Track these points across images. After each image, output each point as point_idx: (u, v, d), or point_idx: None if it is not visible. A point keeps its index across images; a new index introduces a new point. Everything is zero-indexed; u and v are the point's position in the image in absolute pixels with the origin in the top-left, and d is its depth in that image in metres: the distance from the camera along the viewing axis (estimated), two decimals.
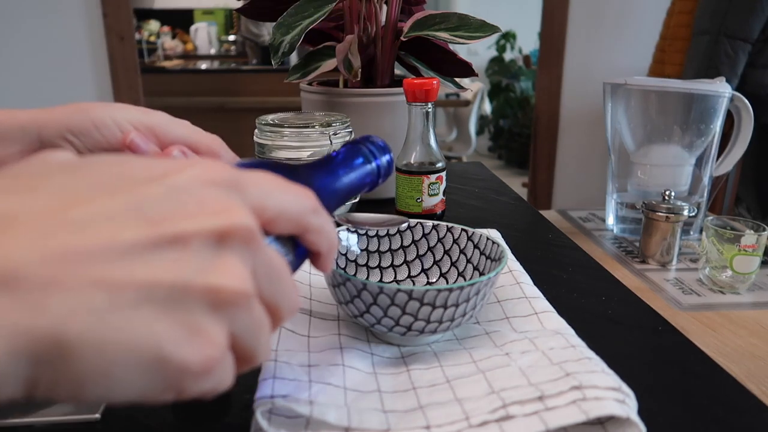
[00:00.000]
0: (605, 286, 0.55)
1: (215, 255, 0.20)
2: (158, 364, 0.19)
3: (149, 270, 0.19)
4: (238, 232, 0.21)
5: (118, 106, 0.34)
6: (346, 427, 0.32)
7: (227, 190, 0.22)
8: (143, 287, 0.19)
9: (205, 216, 0.20)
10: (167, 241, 0.19)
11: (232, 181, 0.22)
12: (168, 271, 0.19)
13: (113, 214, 0.19)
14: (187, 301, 0.19)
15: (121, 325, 0.18)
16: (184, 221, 0.20)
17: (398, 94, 0.76)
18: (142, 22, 5.47)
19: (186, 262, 0.20)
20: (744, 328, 0.82)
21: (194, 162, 0.22)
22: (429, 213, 0.69)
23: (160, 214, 0.20)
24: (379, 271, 0.51)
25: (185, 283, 0.19)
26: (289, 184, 0.25)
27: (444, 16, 0.74)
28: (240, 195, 0.22)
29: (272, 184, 0.24)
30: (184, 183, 0.21)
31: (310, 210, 0.26)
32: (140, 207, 0.19)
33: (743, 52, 1.49)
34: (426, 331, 0.39)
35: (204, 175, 0.21)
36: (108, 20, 2.01)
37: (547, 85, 2.20)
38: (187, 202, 0.20)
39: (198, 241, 0.20)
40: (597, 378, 0.34)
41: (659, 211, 0.96)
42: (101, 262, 0.18)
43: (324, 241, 0.27)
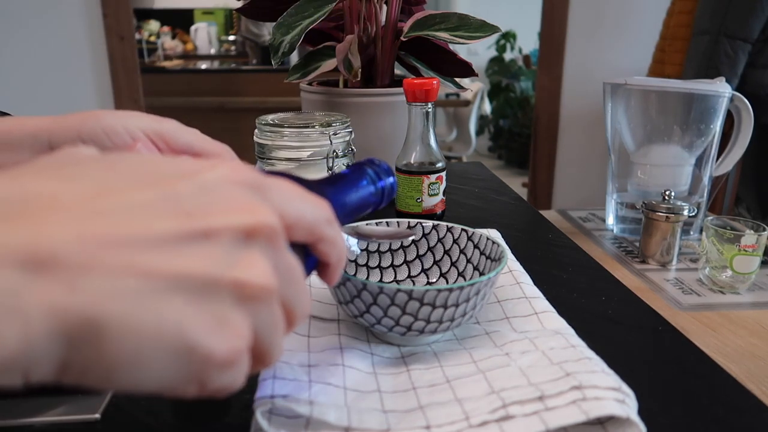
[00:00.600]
0: (605, 286, 0.55)
1: (243, 250, 0.21)
2: (185, 352, 0.19)
3: (181, 260, 0.19)
4: (264, 230, 0.22)
5: (129, 114, 0.34)
6: (346, 427, 0.32)
7: (252, 191, 0.23)
8: (175, 277, 0.19)
9: (234, 213, 0.21)
10: (199, 234, 0.20)
11: (256, 184, 0.23)
12: (199, 263, 0.20)
13: (148, 205, 0.20)
14: (215, 292, 0.20)
15: (153, 311, 0.19)
16: (215, 216, 0.21)
17: (398, 94, 0.76)
18: (142, 22, 5.47)
19: (216, 255, 0.20)
20: (744, 328, 0.82)
21: (222, 162, 0.23)
22: (429, 213, 0.69)
23: (192, 209, 0.20)
24: (379, 271, 0.51)
25: (215, 275, 0.20)
26: (307, 194, 0.26)
27: (444, 16, 0.74)
28: (263, 196, 0.23)
29: (292, 191, 0.25)
30: (213, 181, 0.21)
31: (326, 220, 0.26)
32: (173, 200, 0.20)
33: (743, 52, 1.49)
34: (426, 331, 0.39)
35: (231, 175, 0.22)
36: (108, 20, 2.01)
37: (547, 85, 2.20)
38: (216, 198, 0.21)
39: (227, 236, 0.21)
40: (597, 378, 0.34)
41: (659, 211, 0.96)
42: (136, 250, 0.19)
43: (334, 253, 0.28)
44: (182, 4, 5.73)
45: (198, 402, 0.37)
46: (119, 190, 0.20)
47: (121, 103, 2.09)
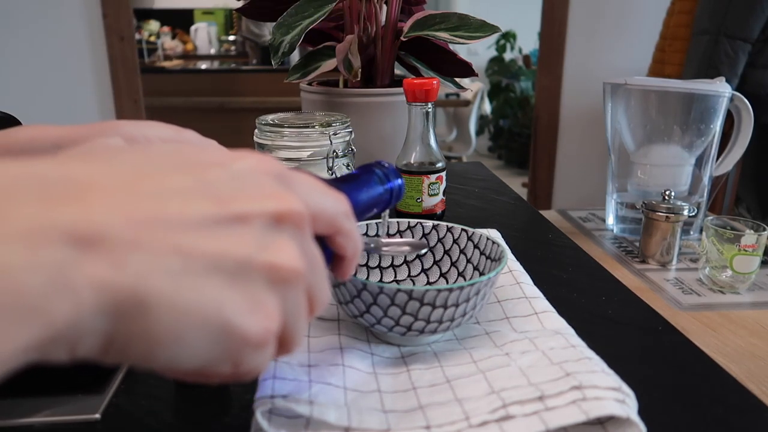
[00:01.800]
0: (605, 286, 0.55)
1: (273, 235, 0.22)
2: (223, 330, 0.20)
3: (218, 242, 0.20)
4: (293, 216, 0.23)
5: (149, 124, 0.35)
6: (346, 427, 0.32)
7: (278, 181, 0.24)
8: (213, 257, 0.20)
9: (265, 199, 0.22)
10: (233, 218, 0.21)
11: (282, 175, 0.24)
12: (234, 246, 0.21)
13: (183, 189, 0.20)
14: (250, 274, 0.21)
15: (194, 290, 0.20)
16: (247, 202, 0.22)
17: (398, 94, 0.76)
18: (142, 22, 5.47)
19: (249, 238, 0.21)
20: (744, 328, 0.82)
21: (249, 153, 0.24)
22: (429, 213, 0.69)
23: (225, 194, 0.21)
24: (379, 271, 0.51)
25: (249, 257, 0.21)
26: (327, 187, 0.27)
27: (444, 16, 0.74)
28: (289, 187, 0.24)
29: (314, 184, 0.26)
30: (243, 170, 0.23)
31: (344, 213, 0.27)
32: (207, 186, 0.21)
33: (743, 52, 1.49)
34: (426, 331, 0.39)
35: (259, 165, 0.23)
36: (108, 20, 2.01)
37: (547, 85, 2.20)
38: (247, 185, 0.22)
39: (259, 221, 0.22)
40: (597, 378, 0.34)
41: (659, 211, 0.96)
42: (177, 231, 0.20)
43: (351, 246, 0.28)
44: (182, 4, 5.73)
45: (198, 402, 0.37)
46: (156, 175, 0.21)
47: (121, 103, 2.09)
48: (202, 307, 0.20)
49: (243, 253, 0.21)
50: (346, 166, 0.70)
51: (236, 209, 0.21)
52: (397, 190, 0.38)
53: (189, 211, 0.20)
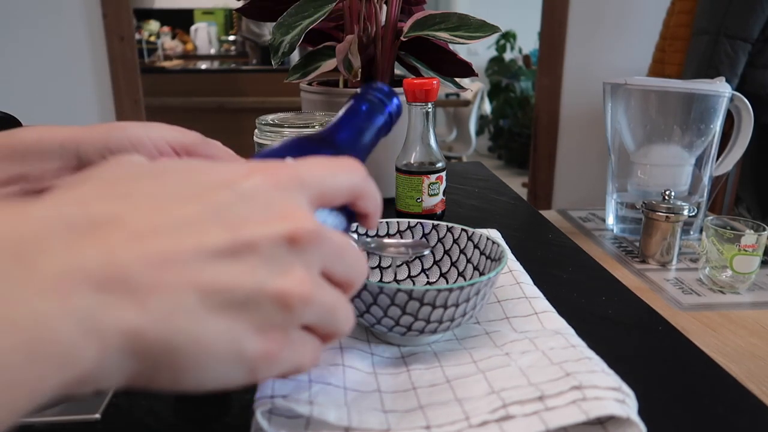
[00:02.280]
0: (605, 286, 0.55)
1: (285, 258, 0.23)
2: (237, 357, 0.22)
3: (231, 274, 0.21)
4: (303, 235, 0.23)
5: (155, 126, 0.35)
6: (346, 427, 0.32)
7: (289, 192, 0.24)
8: (227, 291, 0.21)
9: (275, 221, 0.23)
10: (244, 246, 0.22)
11: (292, 181, 0.24)
12: (246, 275, 0.22)
13: (195, 219, 0.21)
14: (260, 302, 0.22)
15: (211, 324, 0.21)
16: (257, 227, 0.22)
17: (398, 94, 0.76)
18: (142, 22, 5.47)
19: (260, 266, 0.22)
20: (744, 328, 0.82)
21: (258, 167, 0.24)
22: (429, 213, 0.69)
23: (235, 219, 0.22)
24: (379, 271, 0.51)
25: (260, 287, 0.22)
26: (336, 163, 0.27)
27: (444, 16, 0.74)
28: (301, 192, 0.24)
29: (324, 168, 0.26)
30: (251, 188, 0.23)
31: (360, 180, 0.28)
32: (217, 212, 0.22)
33: (743, 52, 1.49)
34: (426, 331, 0.39)
35: (267, 181, 0.23)
36: (108, 20, 2.01)
37: (547, 85, 2.20)
38: (256, 207, 0.23)
39: (269, 245, 0.22)
40: (597, 378, 0.34)
41: (659, 211, 0.96)
42: (192, 266, 0.21)
43: (372, 204, 0.29)
44: (182, 4, 5.73)
45: (198, 402, 0.37)
46: (170, 206, 0.21)
47: (121, 103, 2.09)
48: (219, 339, 0.21)
49: (254, 283, 0.22)
50: None
51: (247, 236, 0.22)
52: (396, 111, 0.37)
53: (204, 243, 0.21)
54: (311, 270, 0.24)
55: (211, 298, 0.21)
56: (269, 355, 0.23)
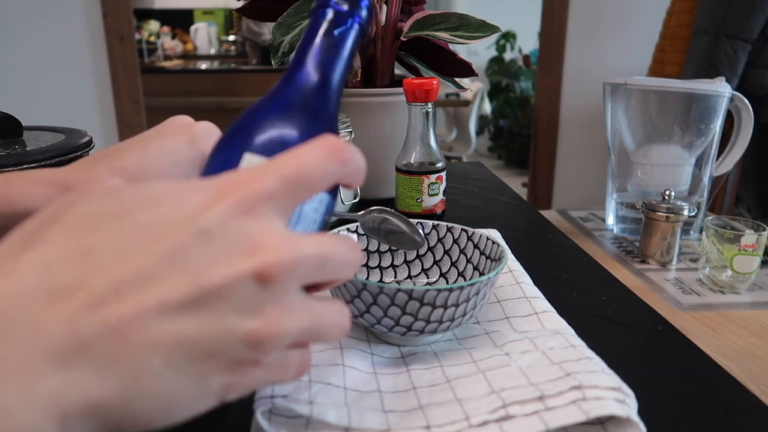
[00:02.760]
0: (605, 286, 0.55)
1: (254, 297, 0.22)
2: (205, 395, 0.22)
3: (197, 325, 0.21)
4: (273, 271, 0.22)
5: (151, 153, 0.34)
6: (346, 427, 0.32)
7: (258, 214, 0.22)
8: (192, 344, 0.21)
9: (240, 259, 0.21)
10: (208, 293, 0.21)
11: (261, 200, 0.22)
12: (212, 324, 0.21)
13: (158, 271, 0.20)
14: (229, 347, 0.21)
15: (176, 379, 0.21)
16: (222, 268, 0.21)
17: (398, 94, 0.76)
18: (142, 22, 5.46)
19: (227, 311, 0.21)
20: (744, 328, 0.82)
21: (223, 190, 0.22)
22: (429, 213, 0.69)
23: (198, 264, 0.21)
24: (379, 271, 0.51)
25: (227, 333, 0.21)
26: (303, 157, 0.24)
27: (444, 16, 0.74)
28: (272, 208, 0.23)
29: (290, 171, 0.23)
30: (215, 222, 0.21)
31: (339, 165, 0.25)
32: (180, 258, 0.21)
33: (743, 52, 1.49)
34: (426, 331, 0.39)
35: (232, 207, 0.22)
36: (108, 20, 2.01)
37: (547, 85, 2.20)
38: (221, 244, 0.21)
39: (236, 288, 0.21)
40: (597, 378, 0.34)
41: (659, 211, 0.96)
42: (156, 324, 0.20)
43: (354, 178, 0.26)
44: (182, 4, 5.73)
45: None
46: (131, 257, 0.21)
47: (121, 103, 2.09)
48: (185, 389, 0.21)
49: (221, 331, 0.21)
50: None
51: (211, 282, 0.21)
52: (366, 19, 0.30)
53: (165, 298, 0.20)
54: (286, 298, 0.23)
55: (176, 355, 0.20)
56: (239, 385, 0.23)
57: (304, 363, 0.25)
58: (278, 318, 0.22)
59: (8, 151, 0.54)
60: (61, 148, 0.55)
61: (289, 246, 0.22)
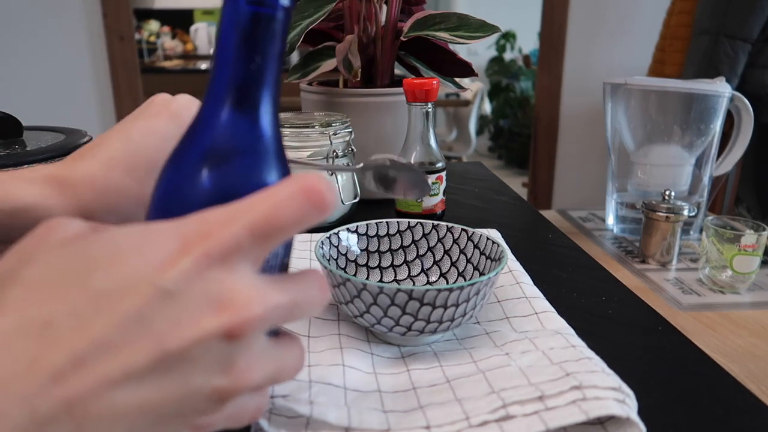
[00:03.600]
0: (605, 286, 0.55)
1: (222, 354, 0.21)
2: None
3: (163, 390, 0.20)
4: (242, 328, 0.21)
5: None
6: (346, 427, 0.32)
7: (226, 268, 0.21)
8: (158, 408, 0.20)
9: (207, 318, 0.21)
10: (173, 357, 0.20)
11: (229, 252, 0.21)
12: (178, 387, 0.21)
13: (121, 337, 0.20)
14: (195, 405, 0.21)
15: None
16: (187, 330, 0.20)
17: (398, 94, 0.76)
18: (142, 22, 5.46)
19: (194, 372, 0.21)
20: (744, 328, 0.82)
21: (189, 242, 0.21)
22: (429, 213, 0.69)
23: (162, 326, 0.20)
24: (379, 271, 0.51)
25: (194, 392, 0.21)
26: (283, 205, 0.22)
27: (444, 16, 0.74)
28: (241, 259, 0.22)
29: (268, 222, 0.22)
30: (178, 281, 0.20)
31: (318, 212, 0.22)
32: (141, 323, 0.20)
33: (743, 52, 1.49)
34: (426, 331, 0.39)
35: (198, 264, 0.21)
36: (108, 20, 2.01)
37: (547, 85, 2.20)
38: (187, 303, 0.20)
39: (203, 349, 0.21)
40: (597, 378, 0.34)
41: (659, 211, 0.96)
42: (120, 393, 0.20)
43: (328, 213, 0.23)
44: (182, 4, 5.73)
45: None
46: (92, 323, 0.20)
47: (121, 103, 2.09)
48: None
49: (188, 391, 0.21)
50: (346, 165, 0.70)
51: (176, 346, 0.20)
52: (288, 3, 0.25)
53: (128, 366, 0.20)
54: (253, 349, 0.22)
55: (142, 421, 0.20)
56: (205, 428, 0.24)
57: (261, 407, 0.25)
58: (246, 371, 0.22)
59: (8, 151, 0.54)
60: (61, 148, 0.55)
61: (258, 299, 0.21)
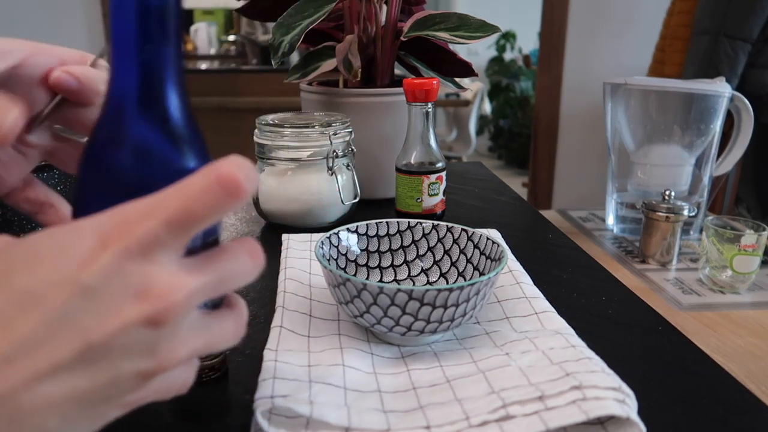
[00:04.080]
0: (605, 286, 0.55)
1: (146, 340, 0.22)
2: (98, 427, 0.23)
3: (89, 379, 0.21)
4: (165, 314, 0.22)
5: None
6: (346, 427, 0.32)
7: (145, 259, 0.22)
8: (87, 396, 0.21)
9: (129, 308, 0.21)
10: (98, 349, 0.21)
11: (148, 244, 0.21)
12: (105, 374, 0.21)
13: (45, 334, 0.20)
14: (123, 388, 0.22)
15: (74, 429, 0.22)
16: (110, 321, 0.21)
17: (398, 94, 0.76)
18: None
19: (120, 359, 0.22)
20: (744, 328, 0.82)
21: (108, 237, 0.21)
22: (429, 213, 0.69)
23: (85, 320, 0.21)
24: (379, 271, 0.51)
25: (121, 378, 0.22)
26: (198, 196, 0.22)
27: (444, 16, 0.74)
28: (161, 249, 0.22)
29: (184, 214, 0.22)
30: (98, 277, 0.21)
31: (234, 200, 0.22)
32: (65, 317, 0.21)
33: (743, 52, 1.49)
34: (426, 331, 0.39)
35: (117, 259, 0.21)
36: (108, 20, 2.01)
37: (547, 85, 2.20)
38: (107, 296, 0.21)
39: (127, 338, 0.21)
40: (597, 378, 0.34)
41: (659, 211, 0.96)
42: (48, 387, 0.20)
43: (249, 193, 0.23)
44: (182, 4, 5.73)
45: (198, 402, 0.37)
46: (17, 322, 0.20)
47: None
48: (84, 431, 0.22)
49: (115, 378, 0.22)
50: (345, 167, 0.70)
51: (100, 338, 0.21)
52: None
53: (54, 360, 0.20)
54: (180, 330, 0.23)
55: (72, 410, 0.21)
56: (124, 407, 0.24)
57: (188, 379, 0.26)
58: (171, 352, 0.23)
59: None
60: None
61: (179, 285, 0.22)
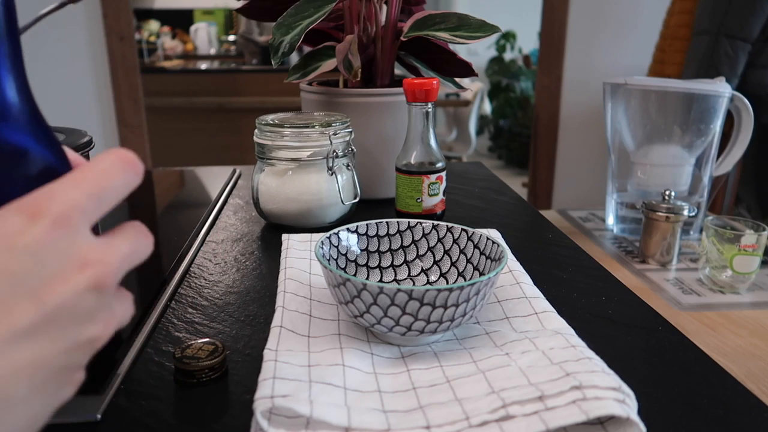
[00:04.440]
0: (605, 286, 0.55)
1: (92, 305, 0.23)
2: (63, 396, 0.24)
3: (50, 343, 0.22)
4: (107, 279, 0.23)
5: None
6: (346, 427, 0.32)
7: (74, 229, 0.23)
8: (49, 361, 0.22)
9: (76, 273, 0.23)
10: (53, 312, 0.22)
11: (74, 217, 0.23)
12: (62, 339, 0.22)
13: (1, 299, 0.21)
14: (78, 354, 0.23)
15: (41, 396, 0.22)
16: (59, 286, 0.22)
17: (398, 94, 0.76)
18: (142, 22, 5.47)
19: (72, 324, 0.23)
20: (744, 328, 0.82)
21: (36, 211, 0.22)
22: (429, 213, 0.69)
23: (33, 283, 0.22)
24: (379, 271, 0.51)
25: (76, 343, 0.23)
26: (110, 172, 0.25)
27: (444, 16, 0.74)
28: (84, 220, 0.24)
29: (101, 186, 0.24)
30: (36, 240, 0.22)
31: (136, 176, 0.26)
32: (11, 282, 0.21)
33: (743, 52, 1.49)
34: (426, 331, 0.39)
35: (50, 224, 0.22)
36: (108, 20, 2.01)
37: (547, 85, 2.20)
38: (52, 262, 0.22)
39: (77, 302, 0.23)
40: (597, 378, 0.34)
41: (659, 211, 0.96)
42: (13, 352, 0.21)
43: None
44: (182, 4, 5.73)
45: (198, 402, 0.37)
46: None
47: (121, 103, 2.09)
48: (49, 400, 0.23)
49: (71, 343, 0.23)
50: (345, 167, 0.70)
51: (53, 302, 0.22)
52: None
53: (13, 326, 0.21)
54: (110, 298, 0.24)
55: (39, 375, 0.22)
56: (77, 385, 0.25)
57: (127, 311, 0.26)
58: (114, 314, 0.25)
59: None
60: None
61: (111, 253, 0.24)
